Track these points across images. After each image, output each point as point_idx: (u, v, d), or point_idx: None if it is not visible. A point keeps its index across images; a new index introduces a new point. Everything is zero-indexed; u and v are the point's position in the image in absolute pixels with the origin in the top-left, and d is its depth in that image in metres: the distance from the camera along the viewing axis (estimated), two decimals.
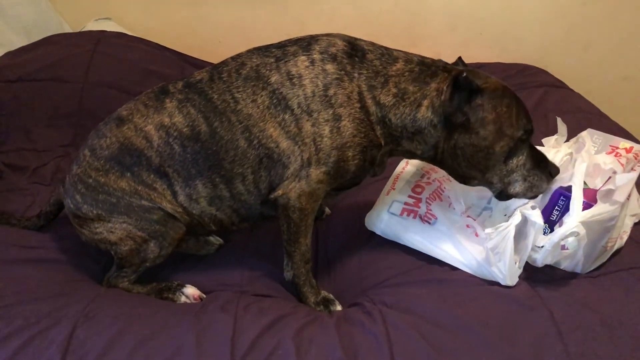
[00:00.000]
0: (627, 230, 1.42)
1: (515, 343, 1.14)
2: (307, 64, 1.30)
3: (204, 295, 1.41)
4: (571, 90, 2.49)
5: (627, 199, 1.35)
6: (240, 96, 1.33)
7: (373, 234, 1.52)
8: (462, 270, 1.36)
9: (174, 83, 1.42)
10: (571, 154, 1.49)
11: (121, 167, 1.37)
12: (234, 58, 1.40)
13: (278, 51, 1.34)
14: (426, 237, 1.42)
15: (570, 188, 1.32)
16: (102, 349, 1.13)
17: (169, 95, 1.38)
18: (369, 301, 1.33)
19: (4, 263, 1.38)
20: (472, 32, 2.77)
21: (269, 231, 1.59)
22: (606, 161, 1.40)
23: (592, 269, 1.34)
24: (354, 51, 1.32)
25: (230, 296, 1.35)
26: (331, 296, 1.42)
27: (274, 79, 1.31)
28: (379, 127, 1.32)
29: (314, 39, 1.35)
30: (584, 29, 2.74)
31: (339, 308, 1.39)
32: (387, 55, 1.33)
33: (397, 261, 1.44)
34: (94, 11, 2.67)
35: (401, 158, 1.58)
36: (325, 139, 1.28)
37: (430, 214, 1.45)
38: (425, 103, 1.29)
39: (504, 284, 1.29)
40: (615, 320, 1.19)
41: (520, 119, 1.28)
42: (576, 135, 1.60)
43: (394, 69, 1.31)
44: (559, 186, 1.38)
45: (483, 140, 1.27)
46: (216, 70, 1.38)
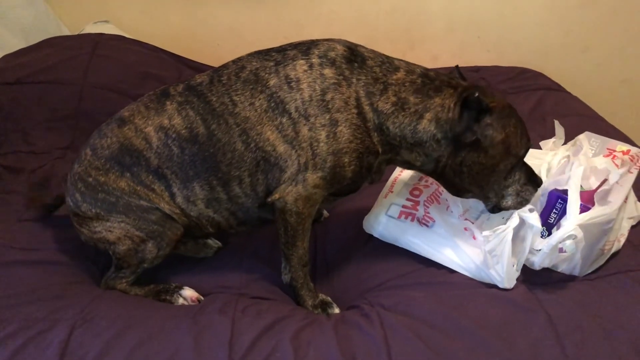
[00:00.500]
0: (624, 232, 1.42)
1: (513, 345, 1.14)
2: (305, 68, 1.30)
3: (202, 298, 1.40)
4: (569, 93, 2.50)
5: (625, 201, 1.36)
6: (238, 99, 1.33)
7: (371, 237, 1.52)
8: (460, 273, 1.37)
9: (175, 85, 1.42)
10: (569, 156, 1.50)
11: (121, 167, 1.38)
12: (234, 61, 1.40)
13: (278, 55, 1.34)
14: (424, 240, 1.43)
15: (567, 191, 1.32)
16: (99, 351, 1.13)
17: (170, 98, 1.39)
18: (366, 304, 1.33)
19: (1, 265, 1.38)
20: (470, 35, 2.77)
21: (267, 234, 1.59)
22: (603, 164, 1.40)
23: (589, 271, 1.34)
24: (354, 57, 1.32)
25: (228, 298, 1.34)
26: (329, 299, 1.41)
27: (272, 82, 1.31)
28: (376, 134, 1.32)
29: (314, 44, 1.35)
30: (581, 32, 2.74)
31: (336, 311, 1.38)
32: (388, 63, 1.33)
33: (395, 264, 1.44)
34: (92, 14, 2.67)
35: None
36: (322, 143, 1.28)
37: (428, 217, 1.46)
38: (427, 116, 1.29)
39: (501, 286, 1.30)
40: (613, 322, 1.19)
41: (523, 137, 1.32)
42: (574, 138, 1.61)
43: (394, 77, 1.31)
44: (554, 188, 1.39)
45: (491, 159, 1.29)
46: (217, 74, 1.39)
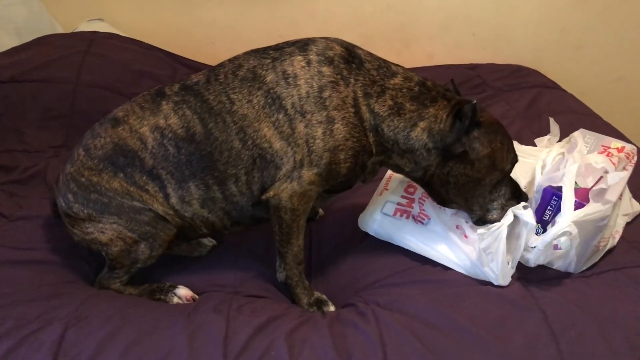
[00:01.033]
0: (619, 229, 1.43)
1: (508, 343, 1.15)
2: (303, 64, 1.30)
3: (197, 296, 1.40)
4: (564, 91, 2.51)
5: (619, 198, 1.36)
6: (236, 97, 1.32)
7: (366, 234, 1.52)
8: (455, 271, 1.37)
9: (170, 85, 1.41)
10: (563, 153, 1.50)
11: (114, 167, 1.37)
12: (231, 60, 1.40)
13: (275, 52, 1.35)
14: (419, 237, 1.43)
15: (562, 188, 1.33)
16: (93, 351, 1.12)
17: (165, 98, 1.38)
18: (362, 301, 1.32)
19: None
20: (465, 33, 2.77)
21: (262, 232, 1.58)
22: (598, 161, 1.41)
23: (584, 268, 1.34)
24: (352, 58, 1.33)
25: (223, 297, 1.34)
26: (324, 297, 1.41)
27: (269, 78, 1.31)
28: (372, 134, 1.33)
29: (311, 40, 1.35)
30: (577, 30, 2.75)
31: (332, 309, 1.38)
32: (385, 68, 1.35)
33: (391, 262, 1.44)
34: (86, 12, 2.66)
35: None
36: (318, 140, 1.28)
37: (424, 214, 1.45)
38: (421, 125, 1.30)
39: (496, 284, 1.29)
40: (608, 319, 1.19)
41: (510, 153, 1.34)
42: (568, 135, 1.61)
43: (391, 82, 1.32)
44: (549, 185, 1.39)
45: (477, 172, 1.31)
46: (213, 73, 1.38)
